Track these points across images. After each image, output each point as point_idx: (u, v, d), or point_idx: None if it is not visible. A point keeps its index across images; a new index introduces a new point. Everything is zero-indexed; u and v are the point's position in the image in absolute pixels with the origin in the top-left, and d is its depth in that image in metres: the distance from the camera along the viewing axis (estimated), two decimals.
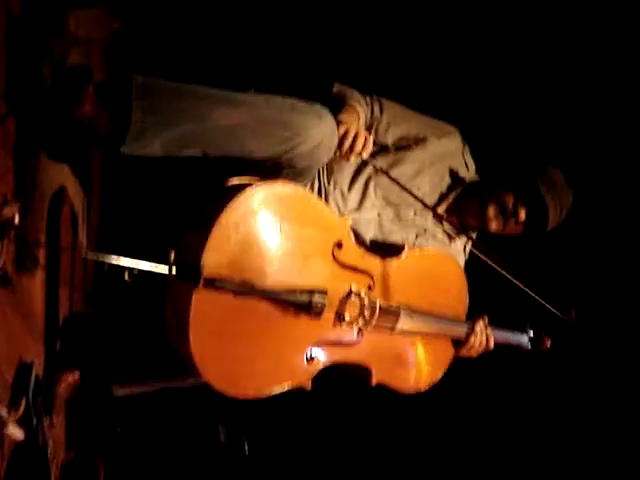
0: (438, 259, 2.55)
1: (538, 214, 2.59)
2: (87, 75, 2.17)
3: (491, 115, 3.58)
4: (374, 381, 2.35)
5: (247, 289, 1.93)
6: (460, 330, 2.56)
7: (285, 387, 2.12)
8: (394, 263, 2.35)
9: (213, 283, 1.86)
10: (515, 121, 3.63)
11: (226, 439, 2.97)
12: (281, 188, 2.04)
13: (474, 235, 2.76)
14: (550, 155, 2.84)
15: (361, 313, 2.24)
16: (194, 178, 2.37)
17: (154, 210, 2.87)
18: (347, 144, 2.26)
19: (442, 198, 2.66)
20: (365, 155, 2.31)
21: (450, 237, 2.73)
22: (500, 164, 2.77)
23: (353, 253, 2.22)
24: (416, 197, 2.50)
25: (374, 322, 2.27)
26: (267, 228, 1.99)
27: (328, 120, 2.22)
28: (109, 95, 2.12)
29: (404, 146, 2.61)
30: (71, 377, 2.36)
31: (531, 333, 2.85)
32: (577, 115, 3.64)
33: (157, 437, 2.98)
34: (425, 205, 2.55)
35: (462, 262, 2.76)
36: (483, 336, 2.58)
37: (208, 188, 2.22)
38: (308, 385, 2.16)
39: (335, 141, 2.26)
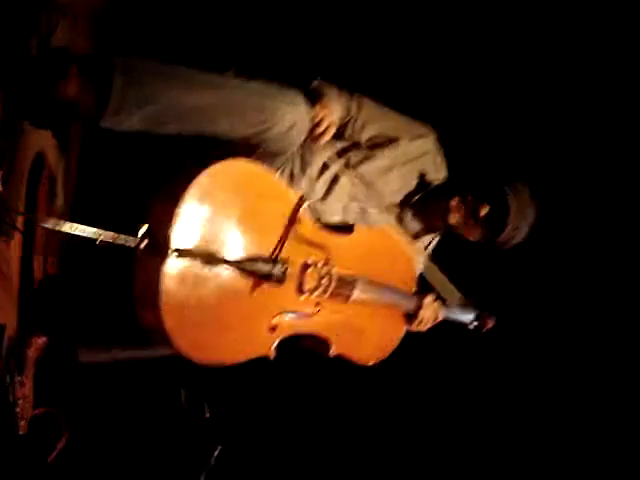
0: (389, 236, 2.66)
1: (499, 216, 2.64)
2: (71, 55, 2.26)
3: (471, 124, 3.64)
4: (332, 352, 2.48)
5: (213, 259, 2.05)
6: (411, 303, 2.68)
7: (249, 355, 2.25)
8: (347, 239, 2.48)
9: (181, 254, 1.97)
10: (494, 134, 3.69)
11: (187, 402, 3.08)
12: (241, 165, 2.15)
13: (437, 236, 2.88)
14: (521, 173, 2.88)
15: (319, 282, 2.35)
16: (169, 155, 2.47)
17: (129, 183, 2.96)
18: (318, 130, 2.42)
19: (409, 197, 2.76)
20: (322, 141, 2.45)
21: (413, 236, 2.83)
22: (471, 171, 2.85)
23: (309, 228, 2.34)
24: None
25: (331, 290, 2.39)
26: (229, 203, 2.10)
27: (301, 105, 2.34)
28: (92, 70, 2.21)
29: (377, 144, 2.70)
30: (40, 340, 2.47)
31: (476, 311, 2.97)
32: (551, 133, 3.72)
33: (119, 396, 3.10)
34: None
35: (421, 260, 2.86)
36: (432, 310, 2.70)
37: (178, 165, 2.33)
38: (271, 354, 2.28)
39: (307, 126, 2.37)
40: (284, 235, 2.25)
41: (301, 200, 2.31)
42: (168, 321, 2.01)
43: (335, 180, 2.62)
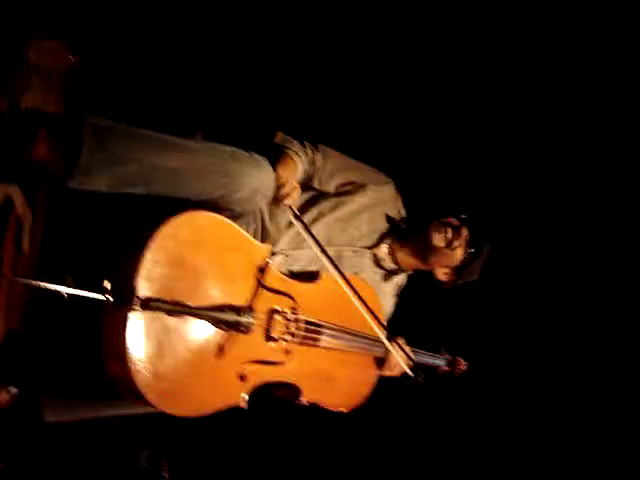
0: (355, 283, 2.69)
1: (477, 241, 2.78)
2: (40, 117, 2.29)
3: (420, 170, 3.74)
4: (305, 399, 2.52)
5: (179, 309, 2.08)
6: (380, 349, 2.72)
7: (221, 405, 2.28)
8: (313, 286, 2.54)
9: (147, 304, 2.01)
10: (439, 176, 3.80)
11: (147, 462, 3.07)
12: (205, 216, 2.22)
13: (405, 280, 2.93)
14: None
15: (287, 329, 2.41)
16: (135, 211, 2.49)
17: (94, 237, 2.97)
18: (281, 192, 2.47)
19: (381, 239, 2.85)
20: (287, 203, 2.48)
21: (385, 277, 2.90)
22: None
23: (275, 277, 2.40)
24: None
25: (300, 337, 2.43)
26: (193, 253, 2.15)
27: (265, 170, 2.41)
28: (61, 131, 2.24)
29: (346, 191, 2.79)
30: (2, 397, 2.46)
31: (447, 355, 3.01)
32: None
33: (81, 456, 3.07)
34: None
35: (392, 303, 2.95)
36: (402, 353, 2.75)
37: (143, 220, 2.36)
38: (243, 404, 2.31)
39: (272, 189, 2.42)
40: (250, 284, 2.30)
41: (265, 251, 2.36)
42: (135, 374, 2.04)
43: (307, 228, 2.65)
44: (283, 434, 3.76)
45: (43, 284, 2.01)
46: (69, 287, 1.98)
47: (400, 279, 2.98)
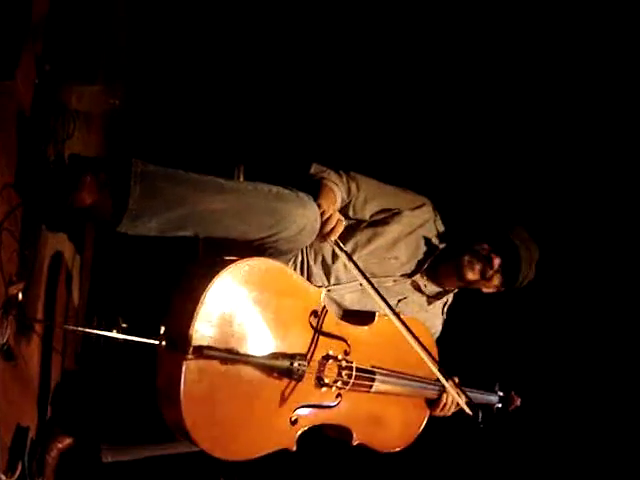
0: (411, 324, 2.65)
1: (511, 263, 2.73)
2: (85, 162, 2.33)
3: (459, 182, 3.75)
4: (355, 441, 2.51)
5: (233, 356, 2.09)
6: (433, 389, 2.71)
7: (271, 449, 2.28)
8: (367, 329, 2.53)
9: (201, 352, 2.01)
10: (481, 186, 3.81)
11: None
12: (259, 263, 2.22)
13: (451, 298, 2.93)
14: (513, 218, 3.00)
15: (339, 376, 2.40)
16: (184, 253, 2.53)
17: (145, 281, 3.02)
18: (328, 227, 2.44)
19: (420, 265, 2.83)
20: (333, 238, 2.46)
21: (429, 301, 2.89)
22: (469, 227, 2.93)
23: (328, 321, 2.39)
24: None
25: (352, 384, 2.42)
26: (248, 300, 2.16)
27: (311, 208, 2.40)
28: (108, 176, 2.27)
29: (381, 219, 2.78)
30: (61, 444, 2.49)
31: (500, 393, 2.99)
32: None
33: None
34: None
35: (440, 323, 2.93)
36: (455, 393, 2.71)
37: (196, 264, 2.38)
38: (292, 447, 2.31)
39: (317, 227, 2.43)
40: (304, 329, 2.31)
41: (318, 295, 2.37)
42: (189, 419, 2.05)
43: (352, 259, 2.62)
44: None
45: (95, 331, 2.03)
46: (121, 332, 2.00)
47: (446, 298, 2.97)
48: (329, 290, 2.65)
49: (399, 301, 2.81)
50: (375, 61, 3.83)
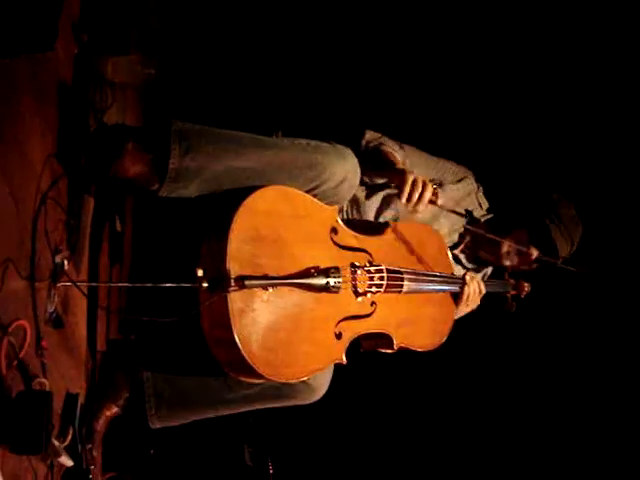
0: (419, 228, 2.76)
1: (549, 252, 2.74)
2: (126, 130, 2.34)
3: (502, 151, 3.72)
4: (395, 346, 2.56)
5: (271, 281, 2.13)
6: (454, 283, 2.75)
7: (325, 364, 2.37)
8: (383, 237, 2.59)
9: (242, 282, 2.05)
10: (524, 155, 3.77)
11: (251, 460, 3.13)
12: (274, 189, 2.27)
13: (490, 270, 2.92)
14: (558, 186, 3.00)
15: (371, 280, 2.43)
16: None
17: (181, 237, 3.04)
18: (417, 194, 2.43)
19: (461, 238, 2.85)
20: (440, 202, 2.48)
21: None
22: (512, 199, 2.92)
23: (348, 235, 2.46)
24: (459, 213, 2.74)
25: (385, 286, 2.46)
26: (272, 225, 2.22)
27: (350, 159, 2.41)
28: (149, 141, 2.29)
29: None
30: (109, 412, 2.53)
31: (511, 280, 3.01)
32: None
33: (186, 458, 3.15)
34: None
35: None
36: (475, 284, 2.75)
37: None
38: (343, 359, 2.36)
39: (357, 180, 2.43)
40: (327, 246, 2.37)
41: (334, 213, 2.42)
42: (244, 348, 2.09)
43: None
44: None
45: (137, 284, 2.06)
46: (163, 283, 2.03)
47: (485, 270, 2.97)
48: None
49: None
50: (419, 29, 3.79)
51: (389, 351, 2.59)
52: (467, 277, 2.74)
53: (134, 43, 2.96)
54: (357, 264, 2.41)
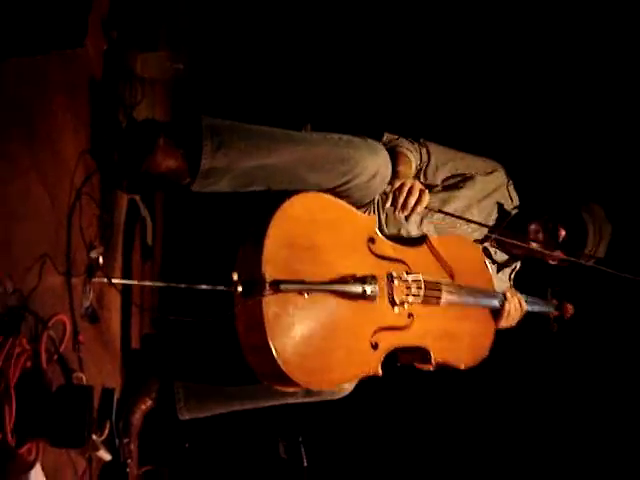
0: (458, 241, 2.72)
1: (578, 237, 2.71)
2: (156, 126, 2.35)
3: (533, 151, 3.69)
4: (433, 361, 2.50)
5: (307, 286, 2.10)
6: (495, 299, 2.71)
7: (360, 374, 2.33)
8: (422, 249, 2.56)
9: (277, 286, 2.01)
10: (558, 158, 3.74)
11: (286, 452, 3.13)
12: (314, 196, 2.26)
13: (519, 265, 2.91)
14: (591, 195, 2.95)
15: (409, 290, 2.41)
16: (252, 207, 2.54)
17: (213, 236, 3.05)
18: (401, 199, 2.41)
19: (491, 231, 2.79)
20: (419, 209, 2.44)
21: (498, 267, 2.89)
22: (543, 197, 2.90)
23: (386, 246, 2.43)
24: (475, 222, 2.71)
25: (422, 296, 2.44)
26: (310, 231, 2.20)
27: (382, 154, 2.40)
28: (180, 137, 2.29)
29: (453, 184, 2.76)
30: (144, 405, 2.55)
31: (554, 300, 2.99)
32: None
33: (221, 451, 3.16)
34: (485, 226, 2.76)
35: (506, 288, 2.87)
36: (515, 301, 2.72)
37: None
38: (378, 371, 2.31)
39: (389, 174, 2.42)
40: (364, 254, 2.34)
41: (372, 222, 2.41)
42: (280, 357, 2.06)
43: (420, 224, 2.69)
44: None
45: (171, 284, 2.06)
46: (197, 284, 2.03)
47: (514, 265, 2.95)
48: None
49: None
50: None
51: (428, 367, 2.54)
52: (508, 293, 2.71)
53: (163, 39, 2.97)
54: (394, 274, 2.38)
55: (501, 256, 2.89)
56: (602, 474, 3.79)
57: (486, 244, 2.83)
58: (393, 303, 2.37)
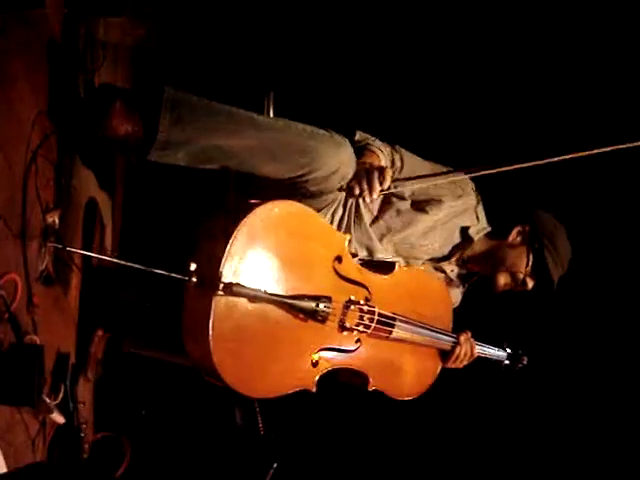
0: (426, 277, 2.72)
1: (544, 283, 2.72)
2: (114, 91, 2.34)
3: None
4: (371, 387, 2.52)
5: (260, 295, 2.09)
6: (447, 340, 2.71)
7: (293, 389, 2.31)
8: (388, 278, 2.53)
9: (231, 289, 2.02)
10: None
11: (242, 420, 3.15)
12: (287, 206, 2.21)
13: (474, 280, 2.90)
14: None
15: (361, 320, 2.40)
16: (214, 186, 2.54)
17: (171, 218, 3.04)
18: (364, 182, 2.37)
19: (452, 251, 2.78)
20: (386, 186, 2.39)
21: (453, 283, 2.86)
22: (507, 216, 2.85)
23: (351, 267, 2.40)
24: None
25: (372, 328, 2.43)
26: (275, 241, 2.17)
27: (346, 150, 2.38)
28: (138, 104, 2.29)
29: (420, 205, 2.68)
30: (100, 331, 2.62)
31: (509, 350, 3.01)
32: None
33: (177, 419, 3.18)
34: None
35: (460, 293, 2.91)
36: (467, 346, 2.73)
37: (225, 200, 2.40)
38: (313, 388, 2.32)
39: (350, 171, 2.39)
40: (328, 273, 2.31)
41: (343, 241, 2.37)
42: (216, 355, 2.07)
43: (382, 237, 2.66)
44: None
45: (129, 263, 2.05)
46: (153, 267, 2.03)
47: (467, 285, 2.93)
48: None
49: None
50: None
51: (364, 389, 2.54)
52: (462, 338, 2.71)
53: (127, 4, 2.93)
54: (352, 299, 2.37)
55: (458, 272, 2.86)
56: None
57: (442, 263, 2.80)
58: (343, 327, 2.36)
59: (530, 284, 2.72)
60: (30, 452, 2.02)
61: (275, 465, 2.96)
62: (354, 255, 2.54)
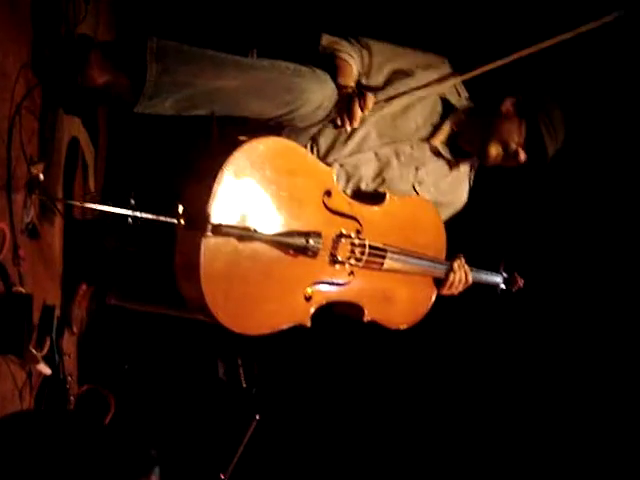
0: (417, 205, 2.72)
1: (537, 154, 2.65)
2: (89, 42, 2.33)
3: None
4: (366, 317, 2.56)
5: (250, 233, 2.12)
6: (440, 268, 2.74)
7: (287, 324, 2.34)
8: (378, 209, 2.55)
9: (220, 229, 2.05)
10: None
11: (225, 374, 3.19)
12: (273, 142, 2.23)
13: (476, 162, 2.85)
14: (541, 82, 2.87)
15: (352, 253, 2.43)
16: (198, 132, 2.54)
17: (158, 161, 3.03)
18: (345, 112, 2.40)
19: (437, 128, 2.72)
20: (367, 112, 2.42)
21: (451, 164, 2.79)
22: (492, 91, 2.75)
23: (341, 200, 2.43)
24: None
25: (364, 261, 2.46)
26: (263, 179, 2.18)
27: (328, 85, 2.41)
28: (124, 56, 2.28)
29: (394, 82, 2.64)
30: (84, 285, 2.63)
31: (504, 273, 3.04)
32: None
33: (161, 372, 3.21)
34: None
35: (464, 190, 2.88)
36: (462, 273, 2.74)
37: (210, 143, 2.40)
38: (307, 322, 2.37)
39: (333, 104, 2.42)
40: (317, 208, 2.34)
41: (330, 174, 2.40)
42: (208, 293, 2.10)
43: (365, 133, 2.62)
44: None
45: (117, 210, 2.05)
46: (141, 211, 2.03)
47: (471, 162, 2.86)
48: (342, 165, 2.64)
49: (417, 169, 2.73)
50: None
51: (361, 321, 2.58)
52: (455, 264, 2.72)
53: None
54: (343, 232, 2.40)
55: (448, 155, 2.77)
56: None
57: (433, 140, 2.72)
58: (334, 261, 2.39)
59: (522, 156, 2.66)
60: (17, 401, 2.05)
61: (257, 417, 3.01)
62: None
